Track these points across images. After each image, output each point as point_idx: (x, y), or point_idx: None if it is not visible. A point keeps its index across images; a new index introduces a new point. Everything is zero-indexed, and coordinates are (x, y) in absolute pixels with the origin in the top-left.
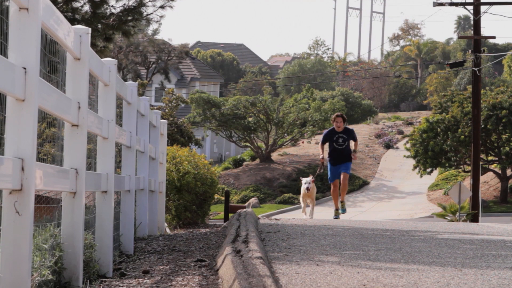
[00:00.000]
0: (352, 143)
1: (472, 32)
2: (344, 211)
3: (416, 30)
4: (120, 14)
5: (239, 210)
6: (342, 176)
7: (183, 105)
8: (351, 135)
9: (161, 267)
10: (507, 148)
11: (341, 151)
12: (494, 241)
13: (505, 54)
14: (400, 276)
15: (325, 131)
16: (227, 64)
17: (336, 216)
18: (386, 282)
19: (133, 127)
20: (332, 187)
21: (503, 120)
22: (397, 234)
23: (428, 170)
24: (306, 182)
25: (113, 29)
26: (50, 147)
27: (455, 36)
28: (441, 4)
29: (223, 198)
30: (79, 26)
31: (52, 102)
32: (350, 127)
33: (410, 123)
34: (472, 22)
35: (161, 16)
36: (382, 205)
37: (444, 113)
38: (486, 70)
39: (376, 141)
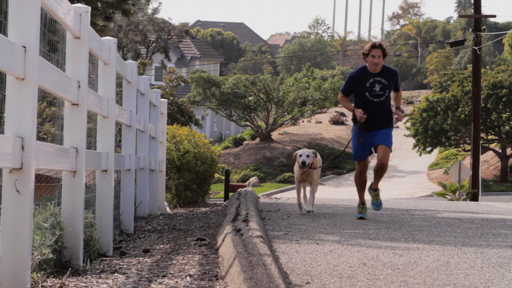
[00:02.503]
0: (390, 97)
1: (472, 11)
2: (378, 205)
3: (416, 9)
4: None
5: (239, 189)
6: (381, 151)
7: (183, 84)
8: (393, 80)
9: (161, 246)
10: (507, 127)
11: (377, 108)
12: (494, 220)
13: (506, 33)
14: (400, 254)
15: (351, 72)
16: (227, 43)
17: (362, 214)
18: (386, 260)
19: (133, 106)
20: (357, 168)
21: (503, 99)
22: (397, 213)
23: (428, 149)
24: (303, 154)
25: (113, 8)
26: (50, 126)
27: (455, 15)
28: None
29: (223, 177)
30: (78, 4)
31: (52, 81)
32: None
33: (410, 102)
34: (472, 0)
35: None
36: (382, 184)
37: (444, 92)
38: (486, 49)
39: None
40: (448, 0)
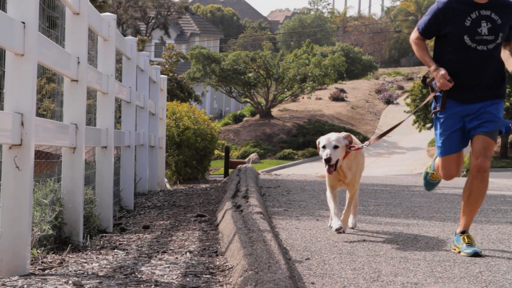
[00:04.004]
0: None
1: None
2: (476, 251)
3: None
4: None
5: (239, 166)
6: (479, 144)
7: (183, 60)
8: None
9: (161, 222)
10: (507, 103)
11: (483, 63)
12: (494, 196)
13: None
14: (400, 231)
15: (440, 1)
16: (227, 20)
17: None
18: (386, 236)
19: (133, 83)
20: (442, 168)
21: None
22: (397, 189)
23: (428, 125)
24: (327, 144)
25: None
26: (49, 103)
27: None
28: None
29: (223, 154)
30: None
31: (52, 57)
32: None
33: (411, 79)
34: None
35: None
36: (382, 161)
37: None
38: None
39: (377, 96)
40: None
